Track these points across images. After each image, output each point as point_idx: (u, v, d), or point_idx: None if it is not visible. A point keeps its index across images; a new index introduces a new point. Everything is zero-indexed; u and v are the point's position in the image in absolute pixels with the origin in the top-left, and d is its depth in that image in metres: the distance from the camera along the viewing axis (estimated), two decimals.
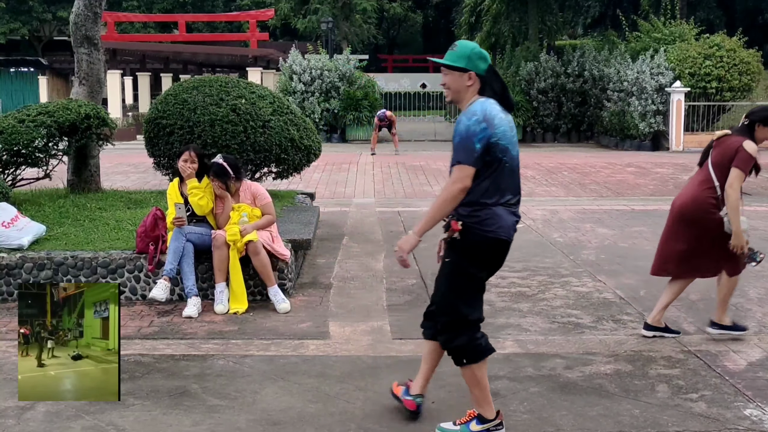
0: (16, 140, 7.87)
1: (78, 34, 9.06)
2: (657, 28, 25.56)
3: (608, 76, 24.78)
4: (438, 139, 27.64)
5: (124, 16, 42.60)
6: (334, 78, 26.32)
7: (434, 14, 60.87)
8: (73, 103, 8.59)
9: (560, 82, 25.93)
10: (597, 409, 4.30)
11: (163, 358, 5.14)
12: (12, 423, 4.12)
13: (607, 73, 24.96)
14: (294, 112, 9.25)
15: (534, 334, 5.65)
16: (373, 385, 4.67)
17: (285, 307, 6.22)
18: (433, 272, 7.41)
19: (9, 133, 7.84)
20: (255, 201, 6.62)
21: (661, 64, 22.73)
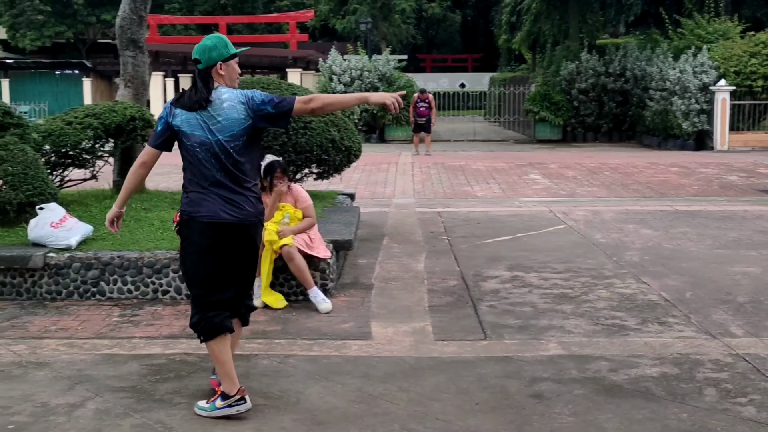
0: (64, 142, 8.01)
1: (123, 38, 9.20)
2: (701, 26, 25.22)
3: (651, 75, 24.50)
4: (477, 138, 27.56)
5: (166, 19, 43.07)
6: (373, 78, 26.38)
7: (473, 14, 60.72)
8: (118, 106, 8.72)
9: (601, 82, 25.69)
10: (643, 412, 4.26)
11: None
12: (63, 420, 4.19)
13: (649, 72, 24.67)
14: (334, 113, 9.29)
15: (578, 335, 5.62)
16: (415, 386, 4.67)
17: (326, 307, 6.25)
18: (475, 273, 7.46)
19: (57, 135, 7.98)
20: (296, 203, 6.66)
21: (704, 62, 22.41)
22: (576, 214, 11.02)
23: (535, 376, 4.80)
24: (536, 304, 6.45)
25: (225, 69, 4.26)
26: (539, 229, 9.90)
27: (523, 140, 27.27)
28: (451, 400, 4.44)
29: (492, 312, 6.23)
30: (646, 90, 24.76)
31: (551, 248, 8.67)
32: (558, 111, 25.65)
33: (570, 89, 26.00)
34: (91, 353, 5.26)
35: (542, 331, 5.71)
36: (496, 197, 13.07)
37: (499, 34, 41.78)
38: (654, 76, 24.21)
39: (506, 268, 7.73)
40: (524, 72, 37.04)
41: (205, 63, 4.23)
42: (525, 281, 7.22)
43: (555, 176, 15.84)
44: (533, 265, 7.87)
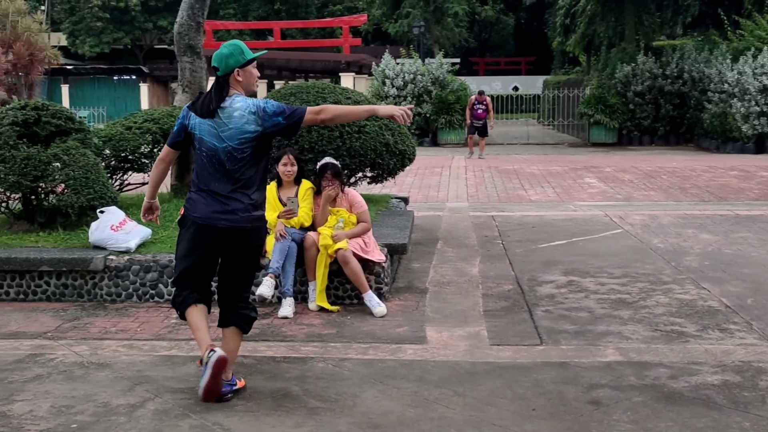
0: (123, 146, 8.17)
1: (181, 43, 9.34)
2: (761, 27, 24.69)
3: (709, 77, 24.07)
4: (531, 142, 27.38)
5: (221, 24, 43.61)
6: (426, 82, 26.37)
7: (526, 16, 60.37)
8: (177, 110, 8.87)
9: (658, 84, 25.29)
10: (704, 420, 4.18)
11: (265, 359, 5.24)
12: (124, 420, 4.27)
13: (707, 74, 24.24)
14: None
15: (636, 342, 5.53)
16: (471, 391, 4.65)
17: (381, 310, 6.26)
18: (530, 278, 7.41)
19: (117, 139, 8.14)
20: (351, 208, 6.69)
21: (765, 64, 21.92)
22: (633, 218, 10.87)
23: (592, 383, 4.74)
24: (593, 309, 6.38)
25: (242, 75, 4.41)
26: (595, 233, 9.79)
27: (578, 143, 27.00)
28: (507, 406, 4.41)
29: (548, 317, 6.17)
30: (704, 92, 24.33)
31: (608, 253, 8.57)
32: (613, 114, 25.33)
33: (625, 92, 25.67)
34: (151, 354, 5.35)
35: (599, 337, 5.64)
36: (550, 201, 12.96)
37: (552, 36, 41.45)
38: (712, 78, 23.78)
39: (562, 273, 7.65)
40: (578, 74, 36.68)
41: (223, 70, 4.39)
42: (581, 286, 7.14)
43: (611, 180, 15.65)
44: (589, 269, 7.78)
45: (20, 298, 6.81)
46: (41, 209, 7.69)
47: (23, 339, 5.75)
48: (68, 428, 4.17)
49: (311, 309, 6.37)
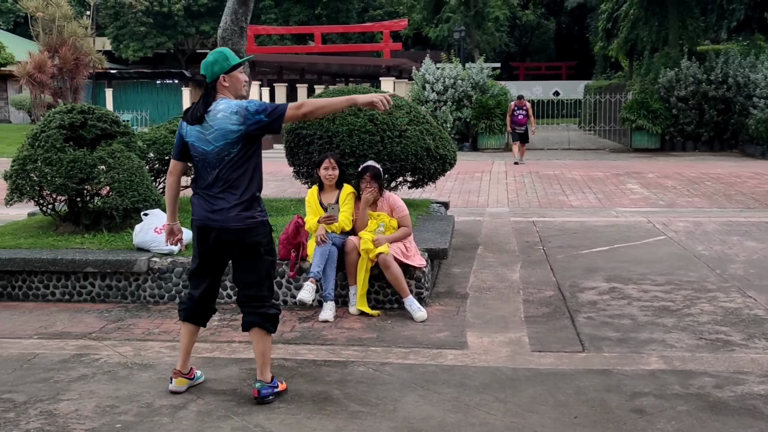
0: (167, 150, 8.26)
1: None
2: None
3: (755, 82, 23.70)
4: (572, 147, 27.18)
5: (263, 29, 43.90)
6: (466, 87, 26.31)
7: (567, 21, 59.98)
8: None
9: (702, 89, 24.95)
10: (751, 431, 4.11)
11: (306, 363, 5.26)
12: (167, 420, 4.31)
13: (753, 78, 23.87)
14: (430, 122, 9.30)
15: (680, 350, 5.46)
16: (513, 397, 4.62)
17: (422, 315, 6.25)
18: (572, 284, 7.35)
19: (161, 143, 8.24)
20: (392, 213, 6.69)
21: None
22: (676, 224, 10.74)
23: (635, 391, 4.69)
24: (636, 316, 6.31)
25: (228, 80, 4.51)
26: (638, 240, 9.69)
27: (619, 149, 26.74)
28: (549, 413, 4.38)
29: (590, 324, 6.12)
30: (750, 98, 23.97)
31: (651, 260, 8.47)
32: (656, 119, 25.05)
33: (668, 97, 25.37)
34: (193, 356, 5.36)
35: (643, 345, 5.58)
36: (592, 207, 12.85)
37: (594, 41, 41.15)
38: (758, 83, 23.42)
39: (604, 280, 7.58)
40: (620, 79, 36.35)
41: (210, 77, 4.51)
42: (624, 293, 7.07)
43: (653, 186, 15.48)
44: (632, 276, 7.70)
45: (66, 298, 6.92)
46: (86, 211, 7.81)
47: (69, 339, 5.84)
48: (113, 428, 4.22)
49: (352, 313, 6.39)
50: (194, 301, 4.75)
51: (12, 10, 51.88)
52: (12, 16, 53.09)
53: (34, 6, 29.64)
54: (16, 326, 6.22)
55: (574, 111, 40.81)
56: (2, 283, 6.98)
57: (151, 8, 48.07)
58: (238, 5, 9.30)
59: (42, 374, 5.05)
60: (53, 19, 29.68)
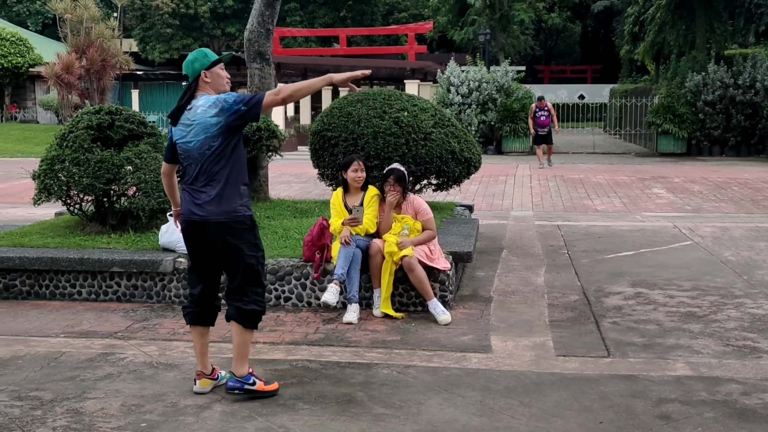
0: None
1: (251, 50, 9.47)
2: None
3: None
4: (597, 151, 27.03)
5: (288, 31, 44.10)
6: (491, 90, 26.25)
7: (593, 24, 59.69)
8: None
9: (729, 94, 24.72)
10: None
11: (330, 364, 5.26)
12: (191, 420, 4.33)
13: None
14: (455, 125, 9.29)
15: (707, 356, 5.41)
16: (537, 401, 4.60)
17: (446, 318, 6.24)
18: (597, 289, 7.31)
19: None
20: (417, 215, 6.68)
21: None
22: (702, 230, 10.65)
23: (661, 397, 4.65)
24: (662, 322, 6.26)
25: (210, 76, 4.61)
26: (663, 245, 9.61)
27: (645, 153, 26.57)
28: (574, 418, 4.35)
29: (615, 329, 6.08)
30: None
31: (677, 265, 8.41)
32: (682, 123, 24.85)
33: (695, 101, 25.16)
34: (217, 356, 5.41)
35: (669, 351, 5.53)
36: (617, 211, 12.77)
37: (620, 44, 40.92)
38: None
39: (629, 285, 7.53)
40: (646, 83, 36.11)
41: (191, 75, 4.61)
42: (649, 298, 7.02)
43: (679, 191, 15.36)
44: (658, 282, 7.64)
45: (92, 298, 6.98)
46: (113, 211, 7.87)
47: (95, 338, 5.89)
48: (138, 427, 4.25)
49: (375, 315, 6.39)
50: (195, 302, 4.79)
51: (40, 12, 52.49)
52: (40, 18, 53.70)
53: (63, 8, 29.94)
54: (43, 325, 6.28)
55: (599, 115, 40.63)
56: (30, 281, 7.05)
57: (177, 10, 48.43)
58: (264, 7, 9.37)
59: (69, 372, 5.10)
60: (81, 20, 29.96)
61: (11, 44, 35.78)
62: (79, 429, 4.21)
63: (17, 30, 39.13)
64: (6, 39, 35.81)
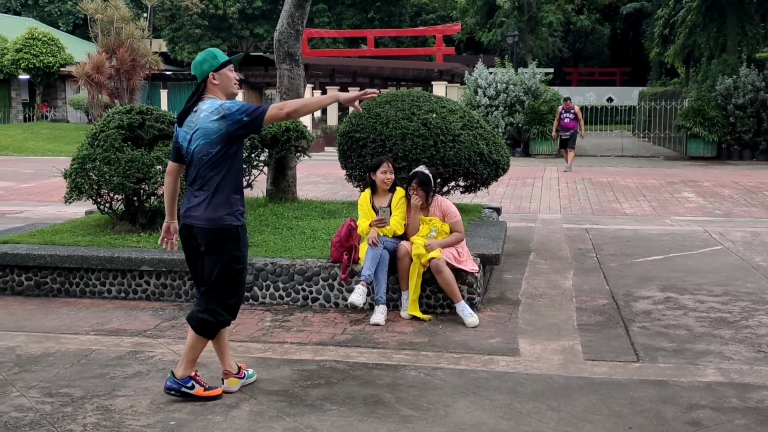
0: None
1: (281, 51, 9.50)
2: None
3: None
4: (626, 154, 26.83)
5: (316, 33, 44.23)
6: (519, 92, 26.15)
7: (623, 26, 59.32)
8: None
9: (761, 97, 24.43)
10: None
11: (357, 365, 5.26)
12: (220, 420, 4.35)
13: None
14: (483, 127, 9.26)
15: (738, 363, 5.35)
16: (566, 405, 4.57)
17: (473, 321, 6.22)
18: (625, 293, 7.25)
19: None
20: (444, 218, 6.67)
21: None
22: (733, 234, 10.53)
23: (692, 403, 4.60)
24: (692, 327, 6.20)
25: (218, 78, 4.58)
26: (693, 249, 9.52)
27: (674, 157, 26.34)
28: (603, 423, 4.32)
29: (644, 333, 6.03)
30: None
31: (707, 270, 8.32)
32: (712, 127, 24.60)
33: (726, 104, 24.89)
34: (245, 356, 5.43)
35: (699, 356, 5.48)
36: (646, 215, 12.67)
37: (650, 47, 40.62)
38: None
39: (659, 289, 7.47)
40: (676, 86, 35.82)
41: (200, 76, 4.59)
42: (679, 303, 6.95)
43: (709, 195, 15.21)
44: (688, 286, 7.57)
45: (121, 296, 7.04)
46: (143, 210, 7.94)
47: (124, 336, 5.93)
48: (167, 425, 4.27)
49: (403, 317, 6.38)
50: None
51: (71, 12, 53.05)
52: (71, 18, 54.27)
53: (94, 8, 30.21)
54: (73, 322, 6.34)
55: (627, 118, 40.33)
56: (61, 279, 7.12)
57: (206, 11, 48.75)
58: (294, 9, 9.39)
59: (98, 370, 5.14)
60: (111, 21, 30.21)
61: (43, 44, 36.18)
62: (109, 426, 4.25)
63: (49, 30, 39.57)
64: (38, 39, 36.22)
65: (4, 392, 4.74)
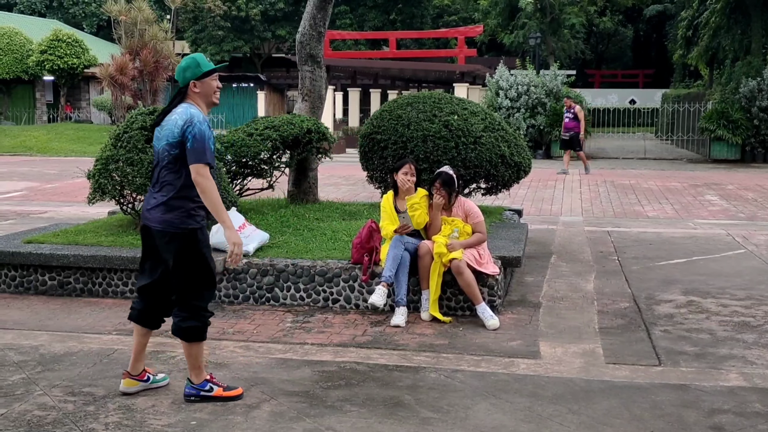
0: (244, 153, 8.39)
1: (303, 53, 9.52)
2: None
3: None
4: (648, 157, 26.66)
5: (338, 34, 44.31)
6: (540, 94, 26.05)
7: (645, 28, 59.01)
8: (296, 118, 9.04)
9: None
10: None
11: (377, 367, 5.27)
12: (240, 420, 4.37)
13: None
14: (505, 129, 9.24)
15: (761, 367, 5.30)
16: (586, 409, 4.55)
17: (494, 323, 6.21)
18: (647, 296, 7.21)
19: (239, 146, 8.36)
20: (467, 218, 6.66)
21: None
22: (757, 238, 10.44)
23: (714, 407, 4.57)
24: (714, 331, 6.15)
25: (200, 86, 4.56)
26: (716, 252, 9.45)
27: (697, 159, 26.14)
28: (624, 426, 4.30)
29: (666, 337, 5.99)
30: None
31: (730, 273, 8.26)
32: (736, 129, 24.39)
33: (750, 107, 24.67)
34: (266, 357, 5.46)
35: (721, 361, 5.44)
36: (669, 218, 12.59)
37: (673, 49, 40.41)
38: None
39: (681, 293, 7.42)
40: (700, 88, 35.58)
41: (181, 83, 4.57)
42: (702, 307, 6.90)
43: (733, 198, 15.08)
44: (710, 290, 7.52)
45: None
46: None
47: None
48: (188, 425, 4.30)
49: (424, 318, 6.38)
50: (138, 298, 4.78)
51: (96, 14, 53.47)
52: (95, 20, 54.71)
53: (117, 10, 30.45)
54: (96, 322, 6.39)
55: (650, 120, 40.12)
56: (84, 279, 7.18)
57: (228, 13, 48.97)
58: (317, 11, 9.41)
59: (120, 369, 5.16)
60: (135, 22, 30.43)
61: (67, 45, 36.47)
62: (131, 425, 4.28)
63: (73, 32, 39.88)
64: (62, 40, 36.52)
65: (27, 391, 4.79)
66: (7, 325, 6.28)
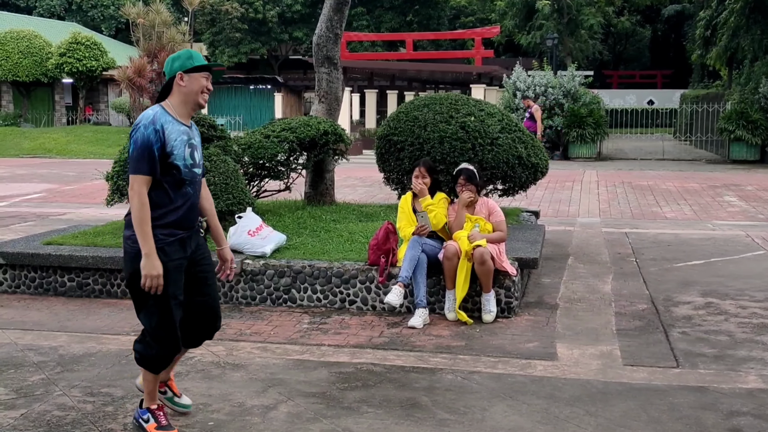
0: (261, 154, 8.42)
1: (319, 55, 9.55)
2: None
3: None
4: (666, 158, 26.52)
5: (355, 36, 44.35)
6: (558, 95, 25.99)
7: (664, 28, 58.70)
8: (313, 120, 9.07)
9: None
10: None
11: (394, 368, 5.27)
12: (257, 420, 4.39)
13: None
14: (522, 130, 9.22)
15: None
16: (604, 411, 4.54)
17: (489, 318, 6.32)
18: (665, 298, 7.17)
19: (256, 147, 8.40)
20: (489, 217, 6.66)
21: None
22: None
23: (732, 410, 4.54)
24: (733, 333, 6.12)
25: (187, 80, 4.06)
26: (735, 254, 9.39)
27: (716, 160, 25.99)
28: (641, 429, 4.28)
29: (684, 339, 5.96)
30: None
31: (749, 275, 8.20)
32: (756, 130, 24.22)
33: None
34: (283, 358, 5.48)
35: (740, 363, 5.40)
36: (687, 219, 12.52)
37: (692, 49, 40.17)
38: None
39: (699, 294, 7.38)
40: (718, 89, 35.35)
41: (168, 74, 4.11)
42: (720, 309, 6.86)
43: (752, 199, 14.98)
44: (729, 292, 7.47)
45: None
46: None
47: None
48: (205, 425, 4.32)
49: (449, 318, 6.39)
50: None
51: (114, 17, 53.78)
52: (114, 23, 55.03)
53: (136, 13, 30.64)
54: (114, 323, 6.43)
55: (669, 121, 39.91)
56: (102, 280, 7.23)
57: (246, 15, 49.17)
58: (333, 12, 9.44)
59: (138, 370, 5.19)
60: (153, 25, 30.61)
61: (86, 48, 36.69)
62: None
63: (92, 34, 40.12)
64: (81, 43, 36.74)
65: (47, 391, 4.83)
66: (27, 326, 6.33)
